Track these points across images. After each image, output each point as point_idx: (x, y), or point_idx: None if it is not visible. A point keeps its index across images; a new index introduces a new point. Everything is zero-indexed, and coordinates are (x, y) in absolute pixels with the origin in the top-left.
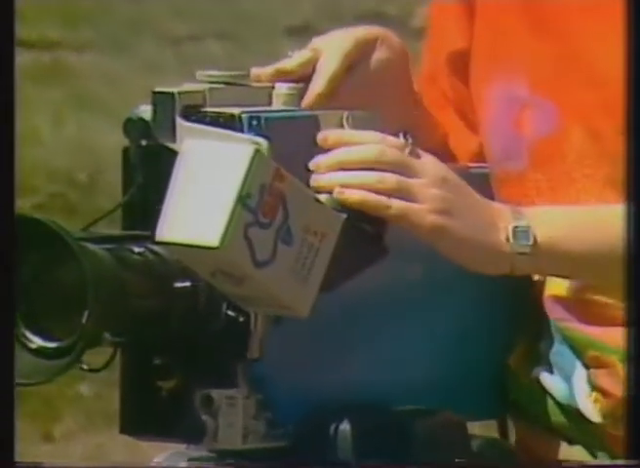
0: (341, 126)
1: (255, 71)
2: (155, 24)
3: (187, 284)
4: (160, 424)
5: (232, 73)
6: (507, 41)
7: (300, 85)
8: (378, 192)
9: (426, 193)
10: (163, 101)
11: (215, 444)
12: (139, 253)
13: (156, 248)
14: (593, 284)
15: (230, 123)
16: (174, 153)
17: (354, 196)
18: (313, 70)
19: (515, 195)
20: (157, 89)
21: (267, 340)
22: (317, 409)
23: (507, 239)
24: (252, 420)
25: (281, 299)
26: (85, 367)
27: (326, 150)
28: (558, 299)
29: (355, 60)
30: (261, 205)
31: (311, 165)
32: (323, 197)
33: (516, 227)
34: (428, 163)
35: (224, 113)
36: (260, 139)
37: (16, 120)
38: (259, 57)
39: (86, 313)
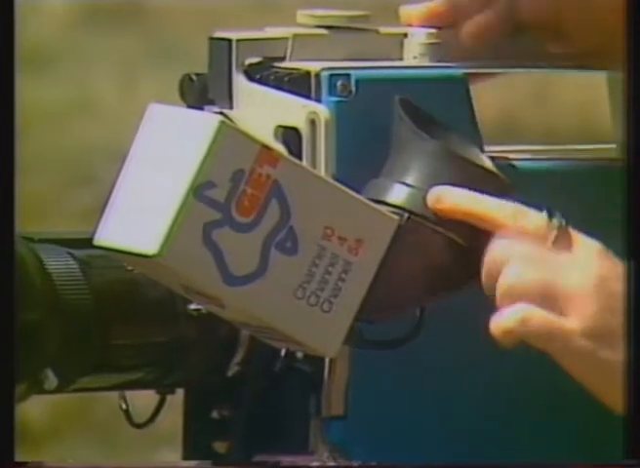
0: None
1: (404, 10)
2: None
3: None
4: None
5: (346, 13)
6: None
7: (450, 31)
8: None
9: (577, 304)
10: (219, 52)
11: None
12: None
13: None
14: None
15: (302, 84)
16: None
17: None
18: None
19: None
20: (214, 35)
21: (353, 393)
22: None
23: None
24: None
25: (284, 331)
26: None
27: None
28: None
29: None
30: (236, 198)
31: None
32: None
33: None
34: (582, 258)
35: (296, 70)
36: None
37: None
38: None
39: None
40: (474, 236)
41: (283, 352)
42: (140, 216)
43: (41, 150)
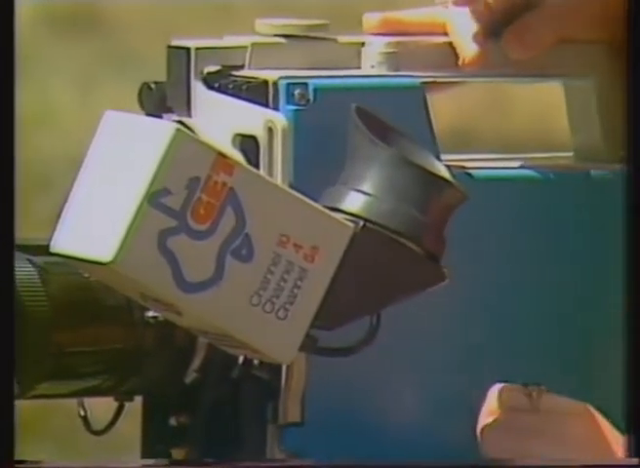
0: None
1: (367, 17)
2: None
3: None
4: None
5: (304, 22)
6: None
7: (409, 39)
8: None
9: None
10: (178, 60)
11: None
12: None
13: None
14: None
15: (260, 93)
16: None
17: None
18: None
19: None
20: (172, 43)
21: (310, 400)
22: None
23: None
24: None
25: (238, 338)
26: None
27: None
28: None
29: None
30: (192, 205)
31: None
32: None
33: None
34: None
35: (254, 78)
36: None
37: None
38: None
39: None
40: (430, 243)
41: (241, 359)
42: (95, 224)
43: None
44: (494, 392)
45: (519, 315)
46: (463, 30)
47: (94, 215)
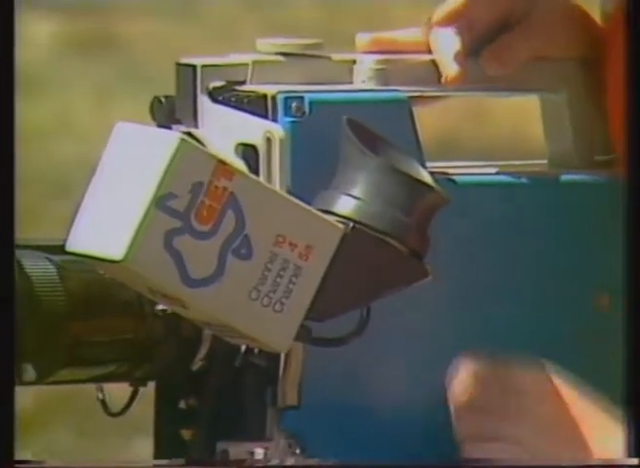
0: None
1: (359, 37)
2: None
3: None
4: None
5: (301, 42)
6: None
7: (397, 57)
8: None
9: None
10: (185, 76)
11: None
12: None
13: None
14: None
15: (260, 106)
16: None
17: None
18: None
19: None
20: (181, 61)
21: (306, 383)
22: None
23: None
24: None
25: (239, 329)
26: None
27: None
28: None
29: None
30: (195, 208)
31: None
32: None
33: None
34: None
35: (254, 92)
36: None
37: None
38: (363, 25)
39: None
40: (414, 242)
41: (243, 349)
42: (107, 225)
43: (24, 166)
44: (462, 365)
45: (501, 311)
46: (445, 50)
47: (106, 217)
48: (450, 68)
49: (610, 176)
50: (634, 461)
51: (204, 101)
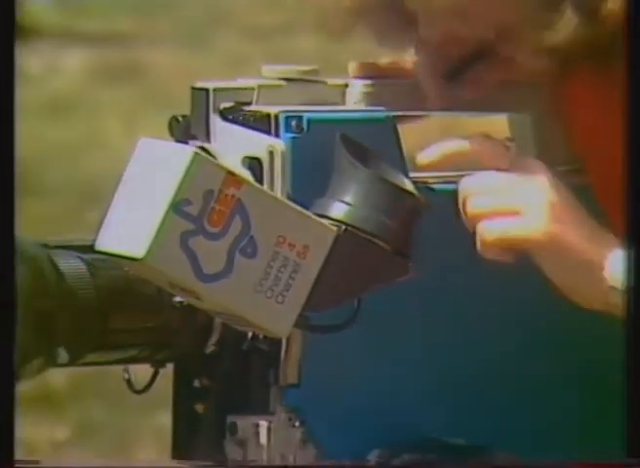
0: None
1: (351, 64)
2: (239, 15)
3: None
4: (197, 450)
5: (300, 68)
6: None
7: (384, 82)
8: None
9: (537, 200)
10: (199, 98)
11: None
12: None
13: None
14: None
15: (264, 123)
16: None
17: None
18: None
19: None
20: (195, 85)
21: (305, 365)
22: (367, 440)
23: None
24: (299, 450)
25: (246, 318)
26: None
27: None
28: None
29: None
30: (207, 213)
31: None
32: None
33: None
34: (535, 166)
35: (259, 112)
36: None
37: (15, 124)
38: (355, 54)
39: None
40: (398, 243)
41: (249, 335)
42: (130, 227)
43: (61, 178)
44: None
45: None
46: (426, 77)
47: (130, 220)
48: (429, 94)
49: (569, 184)
50: (634, 461)
51: (215, 120)
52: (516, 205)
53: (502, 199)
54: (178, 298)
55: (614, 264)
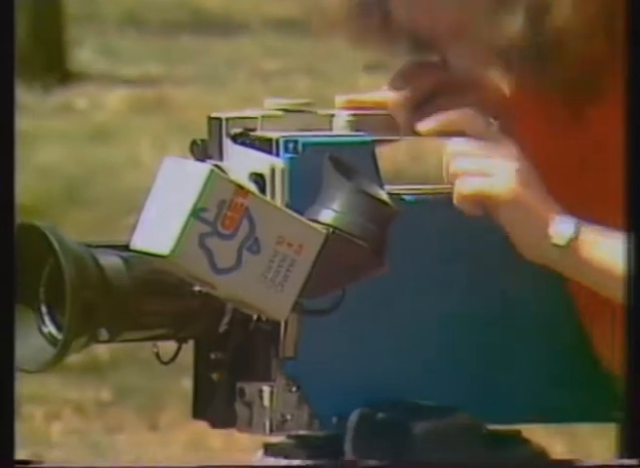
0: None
1: (337, 98)
2: (248, 61)
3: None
4: (213, 411)
5: (296, 101)
6: None
7: (364, 112)
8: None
9: (506, 166)
10: (215, 126)
11: (249, 430)
12: None
13: None
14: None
15: (267, 146)
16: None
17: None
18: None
19: None
20: (211, 115)
21: (301, 341)
22: (351, 402)
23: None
24: (295, 411)
25: (252, 304)
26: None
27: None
28: None
29: None
30: (221, 218)
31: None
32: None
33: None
34: (508, 143)
35: (263, 137)
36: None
37: (15, 126)
38: (340, 90)
39: (67, 310)
40: (376, 243)
41: (254, 317)
42: (159, 230)
43: (103, 192)
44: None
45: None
46: (398, 108)
47: (158, 225)
48: (401, 122)
49: None
50: (634, 462)
51: (227, 143)
52: (489, 168)
53: (478, 163)
54: (197, 288)
55: (558, 225)
